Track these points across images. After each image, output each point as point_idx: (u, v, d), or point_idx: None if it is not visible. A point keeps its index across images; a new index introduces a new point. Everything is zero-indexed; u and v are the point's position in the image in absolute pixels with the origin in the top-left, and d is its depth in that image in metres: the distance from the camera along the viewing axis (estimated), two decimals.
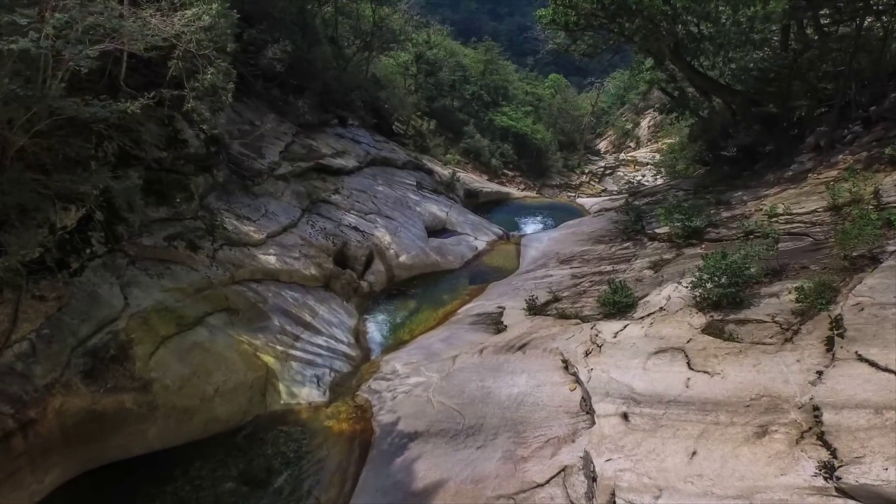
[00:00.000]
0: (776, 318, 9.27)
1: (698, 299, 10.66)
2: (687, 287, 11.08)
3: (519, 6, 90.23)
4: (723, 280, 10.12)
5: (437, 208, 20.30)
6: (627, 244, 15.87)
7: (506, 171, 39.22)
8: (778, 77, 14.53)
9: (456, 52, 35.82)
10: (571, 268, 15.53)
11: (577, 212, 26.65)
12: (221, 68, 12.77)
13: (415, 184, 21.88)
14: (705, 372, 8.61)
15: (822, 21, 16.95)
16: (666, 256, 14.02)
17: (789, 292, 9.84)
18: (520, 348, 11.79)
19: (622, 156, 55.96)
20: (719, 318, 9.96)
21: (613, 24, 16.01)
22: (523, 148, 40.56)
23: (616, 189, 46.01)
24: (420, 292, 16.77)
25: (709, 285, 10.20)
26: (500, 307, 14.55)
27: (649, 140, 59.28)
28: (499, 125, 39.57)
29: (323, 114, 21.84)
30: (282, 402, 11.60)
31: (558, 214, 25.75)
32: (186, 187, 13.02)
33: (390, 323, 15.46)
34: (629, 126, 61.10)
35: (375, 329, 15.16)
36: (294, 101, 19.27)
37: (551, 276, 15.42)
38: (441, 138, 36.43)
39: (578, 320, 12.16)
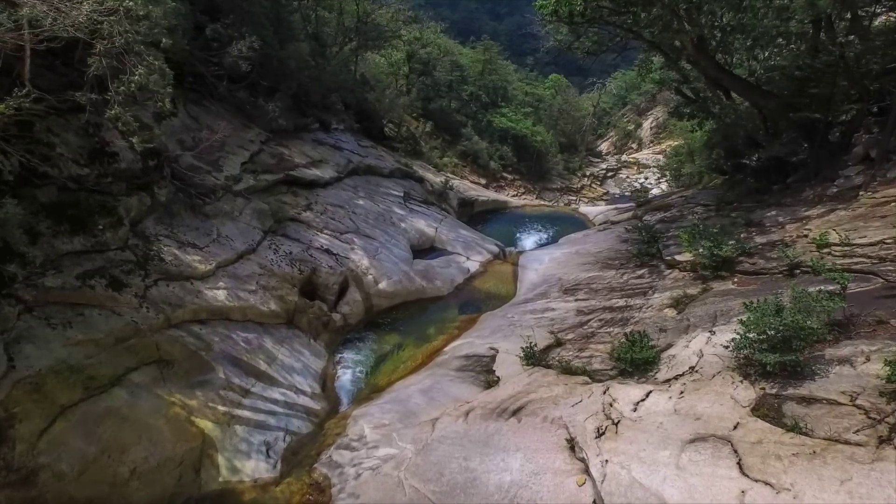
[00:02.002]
0: (857, 401, 6.74)
1: (741, 362, 8.14)
2: (726, 343, 8.55)
3: (519, 6, 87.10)
4: (776, 339, 7.58)
5: (424, 224, 17.78)
6: (642, 272, 13.33)
7: (505, 174, 36.80)
8: (821, 76, 12.00)
9: (451, 51, 33.22)
10: (577, 300, 13.00)
11: (580, 222, 24.10)
12: (154, 67, 10.28)
13: (402, 195, 19.35)
14: (766, 483, 6.10)
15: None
16: (690, 291, 11.48)
17: (867, 359, 7.32)
18: (514, 413, 9.29)
19: (624, 157, 53.47)
20: (774, 392, 7.44)
21: (626, 14, 13.47)
22: (523, 150, 38.15)
23: (618, 192, 43.50)
24: (402, 325, 14.29)
25: (757, 353, 7.65)
26: (492, 348, 12.05)
27: (652, 141, 56.69)
28: (498, 127, 37.17)
29: (300, 118, 19.31)
30: (220, 479, 9.15)
31: (560, 226, 23.21)
32: (113, 211, 10.54)
33: (366, 363, 12.99)
34: (631, 127, 58.52)
35: (347, 372, 12.70)
36: (264, 105, 16.73)
37: (553, 309, 12.90)
38: (438, 141, 33.97)
39: (587, 377, 9.64)
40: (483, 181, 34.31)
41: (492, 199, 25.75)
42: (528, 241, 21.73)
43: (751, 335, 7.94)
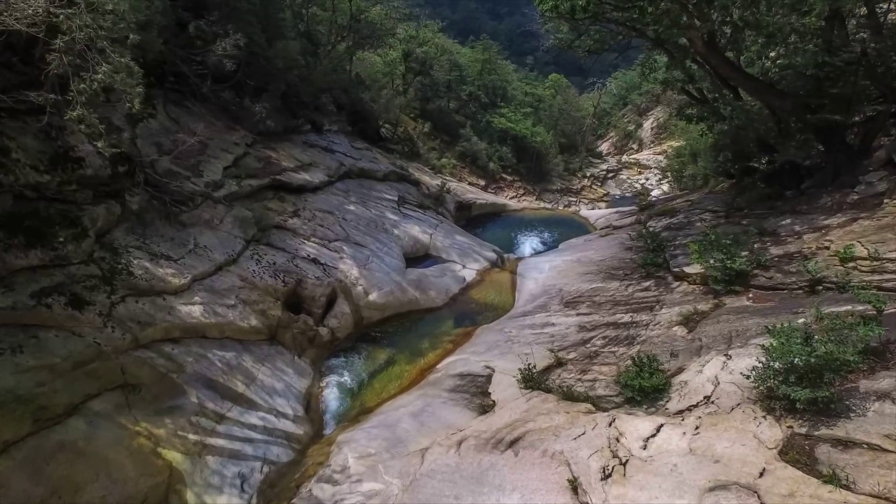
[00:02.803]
0: None
1: (764, 393, 7.21)
2: (745, 371, 7.62)
3: (519, 5, 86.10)
4: (805, 370, 6.65)
5: (419, 230, 16.83)
6: (648, 284, 12.38)
7: (504, 176, 35.93)
8: (841, 75, 11.05)
9: (448, 50, 32.21)
10: (578, 314, 12.06)
11: (581, 226, 23.14)
12: (120, 65, 9.35)
13: (396, 199, 18.41)
14: None
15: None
16: (701, 307, 10.54)
17: None
18: (511, 445, 8.37)
19: (624, 158, 52.57)
20: (804, 431, 6.51)
21: (630, 10, 12.50)
22: (522, 151, 37.25)
23: (619, 193, 42.58)
24: (394, 338, 13.37)
25: (784, 385, 6.71)
26: (487, 367, 11.13)
27: (652, 142, 55.74)
28: (497, 127, 36.27)
29: (291, 119, 18.37)
30: None
31: (560, 230, 22.25)
32: (77, 221, 9.60)
33: (354, 381, 12.08)
34: (631, 127, 57.60)
35: (334, 390, 11.79)
36: (251, 105, 15.79)
37: (553, 324, 11.97)
38: (436, 142, 33.07)
39: (590, 405, 8.71)
40: (482, 182, 33.41)
41: (490, 202, 24.80)
42: (528, 246, 20.78)
43: (775, 365, 7.01)
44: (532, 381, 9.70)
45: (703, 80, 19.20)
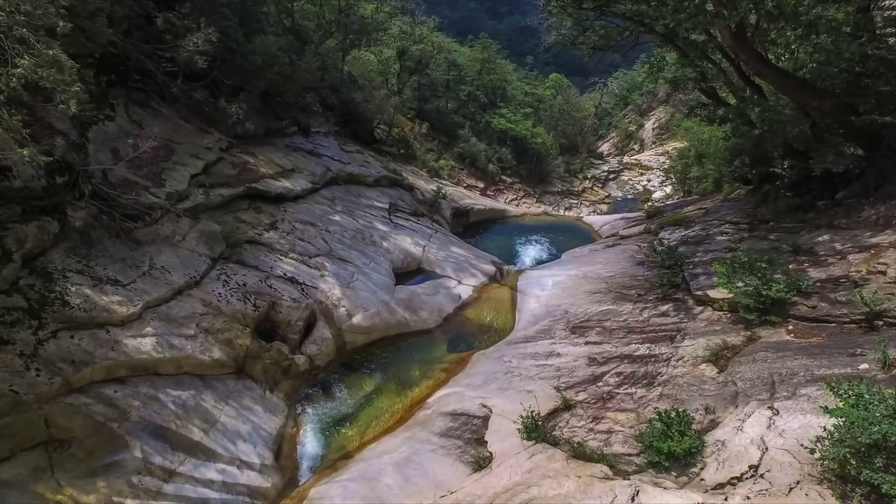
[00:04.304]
0: None
1: (834, 471, 5.58)
2: (800, 436, 5.99)
3: (519, 5, 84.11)
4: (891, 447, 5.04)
5: (410, 242, 15.18)
6: (665, 308, 10.74)
7: (503, 177, 34.31)
8: (893, 69, 9.39)
9: (445, 48, 30.48)
10: (587, 342, 10.44)
11: (585, 234, 21.50)
12: (47, 58, 7.75)
13: (387, 206, 16.77)
14: None
15: None
16: (731, 339, 8.91)
17: None
18: None
19: (626, 159, 50.91)
20: None
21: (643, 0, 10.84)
22: (522, 152, 35.61)
23: (620, 195, 40.97)
24: (381, 365, 11.76)
25: (865, 469, 5.09)
26: (484, 406, 9.51)
27: (654, 143, 54.10)
28: (496, 128, 34.65)
29: (274, 121, 16.73)
30: None
31: (563, 237, 20.62)
32: None
33: (334, 417, 10.48)
34: (633, 128, 55.92)
35: (310, 429, 10.18)
36: (226, 106, 14.15)
37: (559, 354, 10.34)
38: (434, 143, 31.45)
39: (605, 468, 7.09)
40: (481, 184, 31.84)
41: (489, 207, 23.15)
42: (529, 256, 19.14)
43: (846, 438, 5.38)
44: (535, 431, 8.08)
45: (717, 79, 17.56)
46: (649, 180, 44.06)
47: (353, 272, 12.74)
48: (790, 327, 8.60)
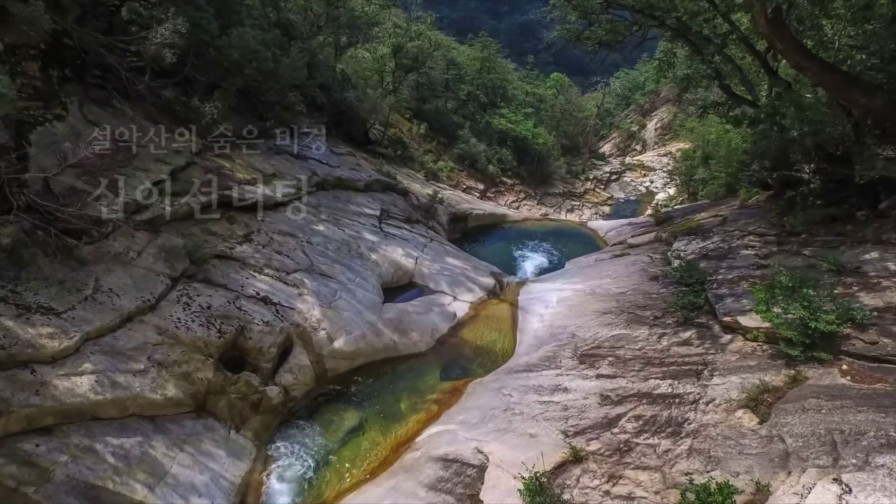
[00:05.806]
0: None
1: None
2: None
3: (519, 4, 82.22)
4: None
5: (402, 253, 13.69)
6: (688, 335, 9.24)
7: (504, 179, 32.83)
8: None
9: (443, 45, 28.94)
10: (599, 375, 8.94)
11: (590, 240, 20.02)
12: None
13: (378, 213, 15.28)
14: None
15: None
16: (770, 380, 7.41)
17: None
18: None
19: (628, 160, 49.35)
20: None
21: None
22: (523, 153, 34.14)
23: (623, 196, 39.44)
24: (365, 396, 10.30)
25: None
26: (480, 451, 8.05)
27: (656, 143, 52.51)
28: (497, 128, 33.19)
29: (256, 121, 15.23)
30: None
31: (566, 244, 19.15)
32: None
33: (310, 460, 9.02)
34: (635, 128, 54.30)
35: (282, 474, 8.73)
36: (200, 105, 12.66)
37: (566, 390, 8.86)
38: (432, 144, 29.98)
39: None
40: (481, 186, 30.37)
41: (488, 212, 21.65)
42: (530, 264, 17.66)
43: None
44: (540, 493, 6.59)
45: (732, 76, 16.00)
46: (652, 182, 42.54)
47: (336, 289, 11.26)
48: (844, 367, 7.09)
